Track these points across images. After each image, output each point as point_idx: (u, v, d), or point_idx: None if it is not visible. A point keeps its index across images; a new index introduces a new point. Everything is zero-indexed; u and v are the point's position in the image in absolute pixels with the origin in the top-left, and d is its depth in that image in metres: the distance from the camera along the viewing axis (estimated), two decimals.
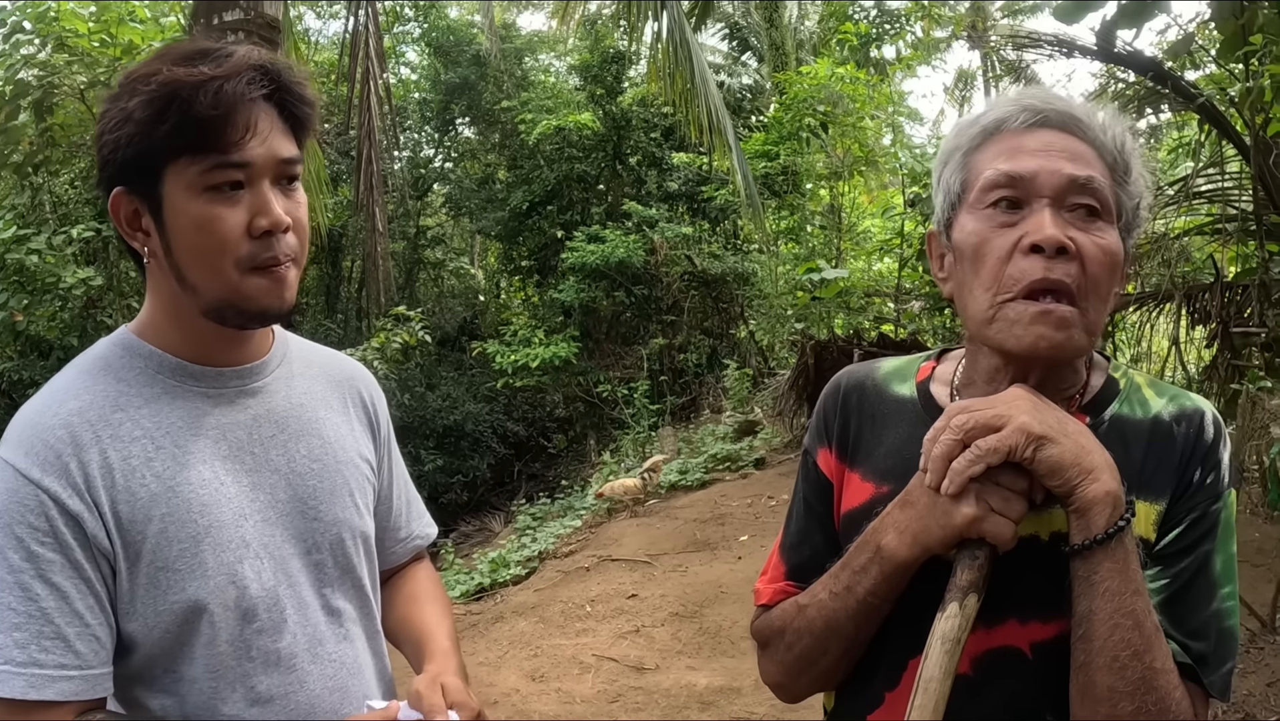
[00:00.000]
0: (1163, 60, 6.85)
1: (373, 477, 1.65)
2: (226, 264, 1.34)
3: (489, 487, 17.02)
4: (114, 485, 1.33)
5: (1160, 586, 1.22)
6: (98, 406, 1.36)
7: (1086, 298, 1.22)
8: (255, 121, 1.34)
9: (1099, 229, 1.24)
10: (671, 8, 9.89)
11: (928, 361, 1.49)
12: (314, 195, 9.94)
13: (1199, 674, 1.20)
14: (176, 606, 1.34)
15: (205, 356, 1.45)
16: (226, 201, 1.33)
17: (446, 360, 18.38)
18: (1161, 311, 6.83)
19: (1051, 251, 1.20)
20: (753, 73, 20.63)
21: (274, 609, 1.42)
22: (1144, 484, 1.25)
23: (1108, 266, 1.23)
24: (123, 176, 1.36)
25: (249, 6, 5.20)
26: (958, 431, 1.17)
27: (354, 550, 1.54)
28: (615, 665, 5.86)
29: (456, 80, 18.74)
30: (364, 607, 1.58)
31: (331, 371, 1.66)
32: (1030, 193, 1.24)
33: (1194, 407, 1.30)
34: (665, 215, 16.35)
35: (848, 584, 1.29)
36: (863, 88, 12.86)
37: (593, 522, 9.91)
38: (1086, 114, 1.28)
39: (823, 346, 10.43)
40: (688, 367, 16.40)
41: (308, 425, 1.53)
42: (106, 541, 1.31)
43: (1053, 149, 1.25)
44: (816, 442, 1.49)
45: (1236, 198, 6.86)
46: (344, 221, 16.52)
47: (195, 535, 1.36)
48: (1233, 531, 1.27)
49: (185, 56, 1.34)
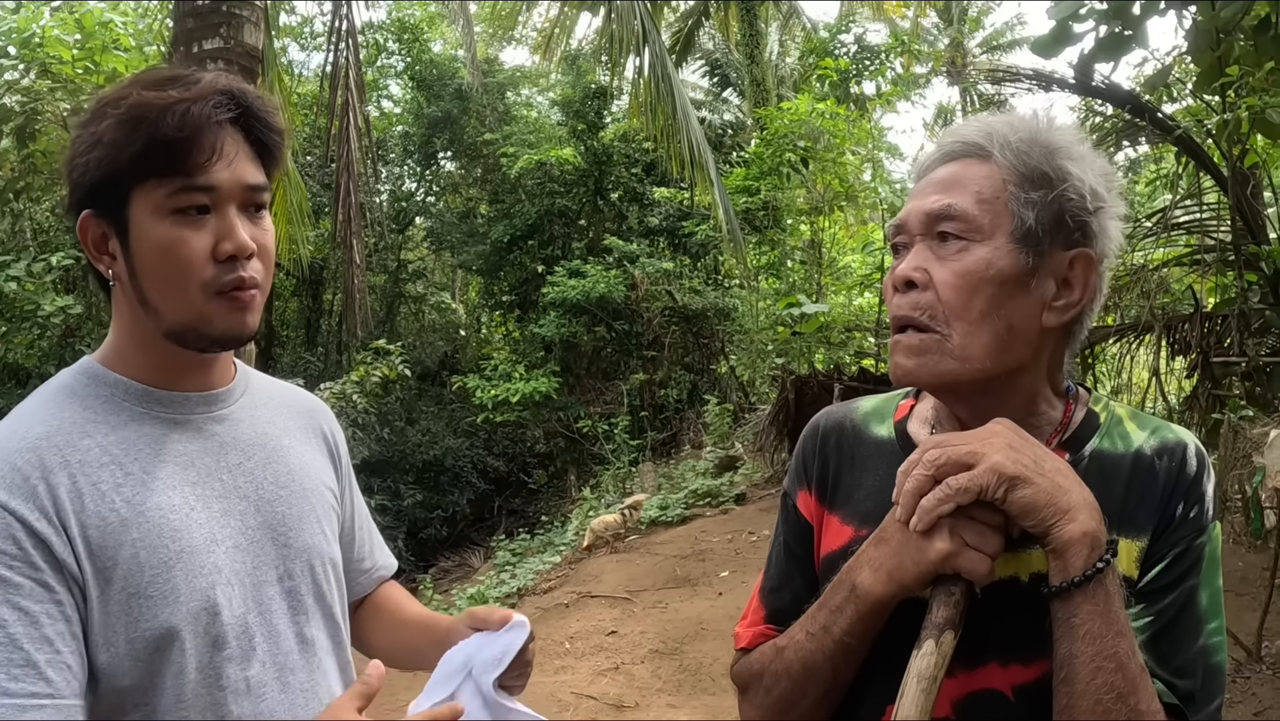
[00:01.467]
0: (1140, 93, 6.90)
1: (337, 507, 1.65)
2: (190, 287, 1.35)
3: (469, 523, 16.92)
4: (84, 510, 1.30)
5: (1145, 624, 1.20)
6: (64, 432, 1.34)
7: (947, 322, 1.23)
8: (221, 145, 1.35)
9: (957, 251, 1.24)
10: (654, 42, 9.93)
11: (905, 400, 1.48)
12: (296, 227, 9.92)
13: (1185, 713, 1.17)
14: (150, 633, 1.31)
15: (169, 382, 1.44)
16: (192, 225, 1.34)
17: (427, 395, 18.31)
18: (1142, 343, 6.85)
19: (901, 288, 1.28)
20: (734, 109, 20.78)
21: (244, 636, 1.39)
22: (1126, 520, 1.23)
23: (963, 287, 1.23)
24: (91, 199, 1.37)
25: (229, 35, 5.18)
26: (929, 467, 1.16)
27: (325, 577, 1.54)
28: (595, 703, 5.77)
29: (439, 114, 18.79)
30: (335, 637, 1.57)
31: (291, 403, 1.66)
32: (909, 235, 1.30)
33: (1176, 440, 1.28)
34: (646, 250, 16.39)
35: (824, 623, 1.27)
36: (842, 123, 12.93)
37: (572, 559, 9.84)
38: (988, 136, 1.28)
39: (803, 381, 10.42)
40: (668, 403, 16.37)
41: (274, 453, 1.53)
42: (76, 567, 1.28)
43: (932, 184, 1.29)
44: (796, 485, 1.49)
45: (1215, 228, 6.90)
46: (325, 254, 16.50)
47: (167, 560, 1.33)
48: (1218, 565, 1.25)
49: (156, 82, 1.36)
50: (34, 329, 9.31)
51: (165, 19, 9.21)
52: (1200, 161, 6.60)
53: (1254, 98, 5.32)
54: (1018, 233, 1.23)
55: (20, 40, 9.55)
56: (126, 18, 10.84)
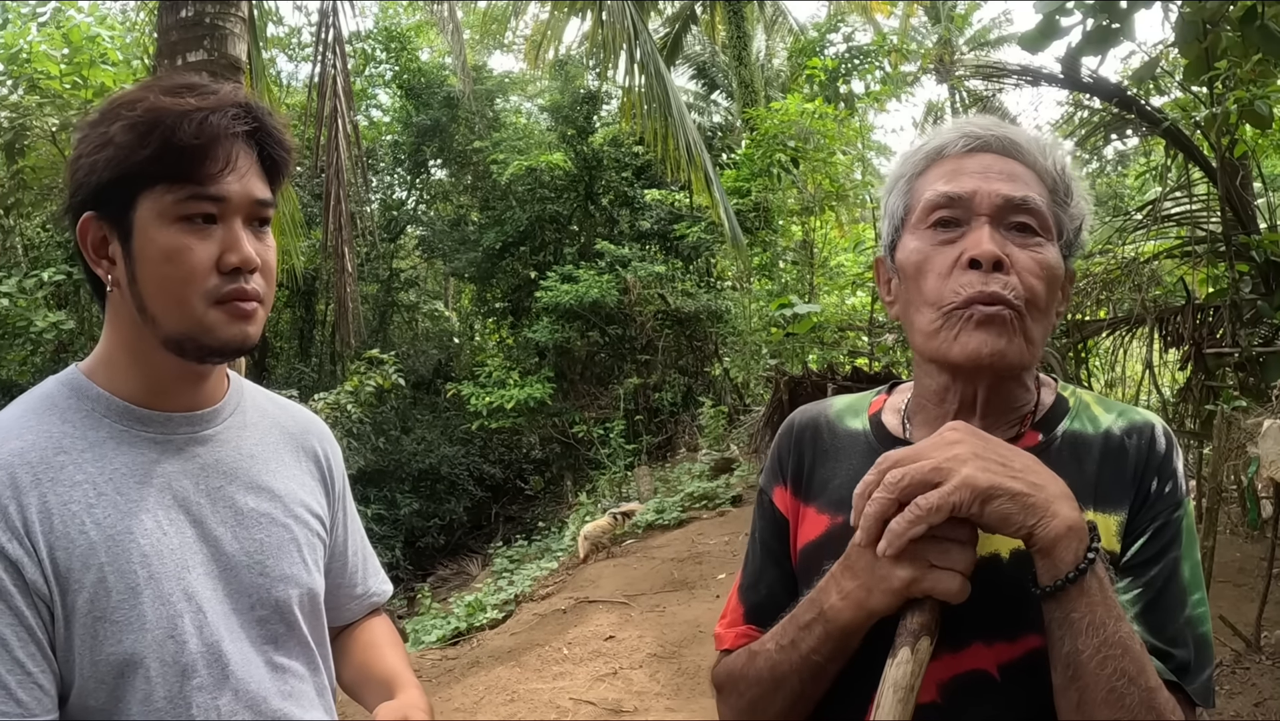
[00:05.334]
0: (1128, 86, 6.90)
1: (324, 534, 1.61)
2: (192, 296, 1.33)
3: (466, 530, 16.91)
4: (52, 530, 1.28)
5: (1134, 597, 1.20)
6: (39, 448, 1.32)
7: (1025, 310, 1.23)
8: (235, 157, 1.35)
9: (1037, 244, 1.26)
10: (645, 41, 9.91)
11: (879, 395, 1.49)
12: (289, 238, 9.89)
13: (1181, 685, 1.16)
14: (113, 659, 1.29)
15: (156, 400, 1.41)
16: (197, 233, 1.33)
17: (421, 403, 18.30)
18: (1134, 335, 6.85)
19: (988, 266, 1.22)
20: (722, 111, 20.79)
21: (215, 665, 1.37)
22: (1100, 497, 1.25)
23: (1045, 280, 1.25)
24: (95, 200, 1.35)
25: (212, 47, 5.16)
26: (892, 489, 1.11)
27: (300, 608, 1.50)
28: (593, 708, 5.75)
29: (428, 122, 18.79)
30: (311, 665, 1.54)
31: (285, 423, 1.62)
32: (969, 212, 1.27)
33: (1144, 421, 1.31)
34: (638, 254, 16.38)
35: (793, 638, 1.26)
36: (831, 123, 12.94)
37: (570, 564, 9.82)
38: (1026, 139, 1.32)
39: (797, 382, 10.41)
40: (663, 406, 16.37)
41: (257, 478, 1.50)
42: (45, 588, 1.27)
43: (991, 171, 1.28)
44: (772, 481, 1.48)
45: (1205, 219, 6.90)
46: (316, 265, 16.49)
47: (135, 586, 1.31)
48: (1195, 539, 1.28)
49: (172, 88, 1.35)
50: (26, 345, 9.28)
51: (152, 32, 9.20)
52: (1189, 153, 6.60)
53: (1242, 89, 5.32)
54: (1060, 240, 1.29)
55: (8, 56, 9.55)
56: (114, 32, 10.84)
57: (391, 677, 1.61)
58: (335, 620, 1.68)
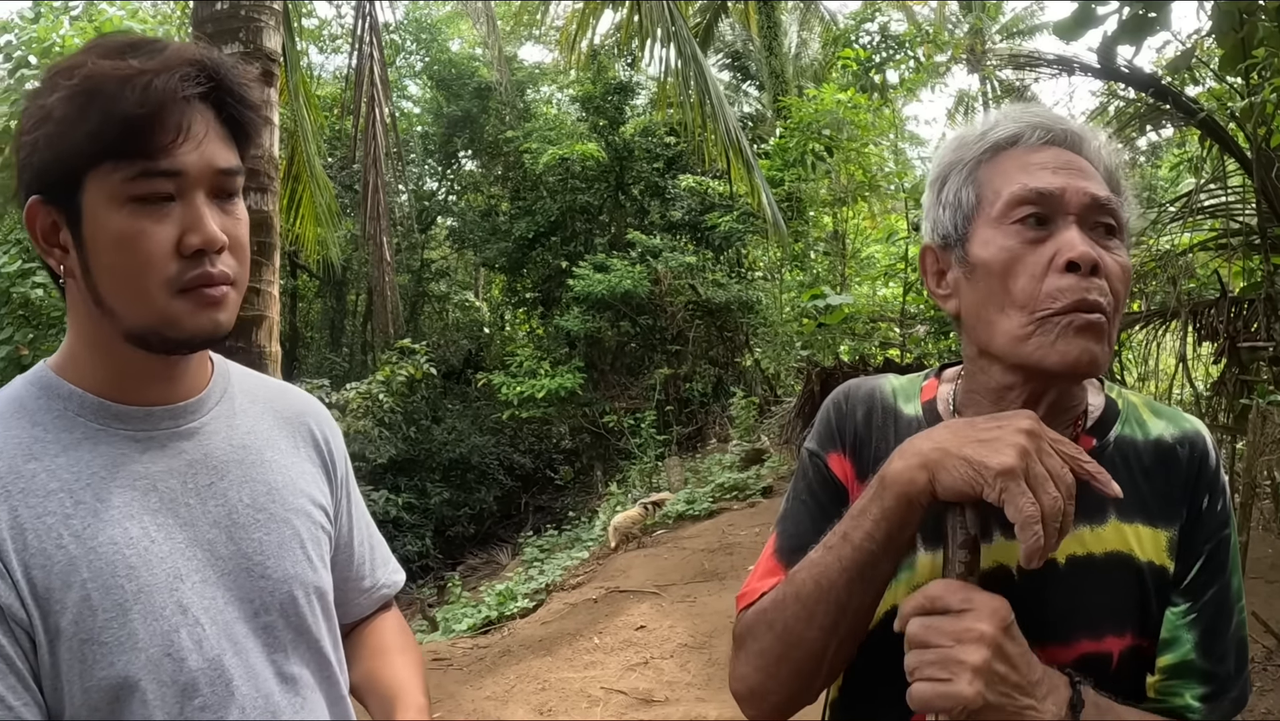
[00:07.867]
0: (1163, 76, 6.83)
1: (328, 525, 1.47)
2: (151, 285, 1.18)
3: (496, 520, 17.00)
4: (26, 548, 1.15)
5: (1192, 621, 1.22)
6: (8, 456, 1.19)
7: (1111, 315, 1.20)
8: (189, 124, 1.17)
9: (1117, 247, 1.24)
10: (680, 28, 9.87)
11: (928, 380, 1.45)
12: (326, 229, 9.95)
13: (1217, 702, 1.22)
14: (104, 684, 1.16)
15: (131, 393, 1.27)
16: (153, 215, 1.17)
17: (452, 393, 18.40)
18: (1168, 329, 6.77)
19: (1087, 269, 1.18)
20: (753, 101, 20.71)
21: (218, 681, 1.24)
22: (1150, 510, 1.24)
23: (1125, 284, 1.23)
24: (39, 183, 1.19)
25: (248, 39, 5.19)
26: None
27: (308, 609, 1.37)
28: (624, 698, 5.78)
29: (459, 113, 18.86)
30: (323, 671, 1.41)
31: (278, 407, 1.47)
32: (1057, 210, 1.22)
33: (1194, 430, 1.30)
34: (669, 244, 16.37)
35: (845, 531, 1.20)
36: (864, 114, 12.88)
37: (600, 554, 9.84)
38: (1088, 133, 1.29)
39: (828, 373, 10.37)
40: (693, 397, 16.37)
41: (251, 470, 1.36)
42: (23, 612, 1.14)
43: (1071, 167, 1.24)
44: (827, 446, 1.41)
45: (1240, 212, 6.81)
46: (348, 255, 16.61)
47: (123, 602, 1.18)
48: (1239, 550, 1.30)
49: (114, 49, 1.19)
50: (60, 335, 9.38)
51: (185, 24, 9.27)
52: (1224, 144, 6.52)
53: (1279, 78, 5.26)
54: (1124, 238, 1.27)
55: (40, 50, 9.60)
56: (146, 25, 10.90)
57: (394, 694, 1.46)
58: (344, 616, 1.53)
